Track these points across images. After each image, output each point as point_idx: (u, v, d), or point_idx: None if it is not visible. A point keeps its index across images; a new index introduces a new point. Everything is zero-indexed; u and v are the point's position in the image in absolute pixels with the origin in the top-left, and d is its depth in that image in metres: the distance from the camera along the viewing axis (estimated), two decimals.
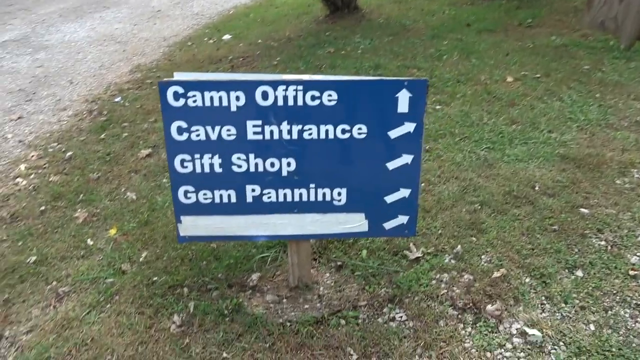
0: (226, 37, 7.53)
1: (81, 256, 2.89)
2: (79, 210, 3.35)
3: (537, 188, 3.08)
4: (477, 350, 2.08)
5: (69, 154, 4.19)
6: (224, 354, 2.15)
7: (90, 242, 3.01)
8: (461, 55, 5.56)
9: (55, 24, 8.96)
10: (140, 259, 2.78)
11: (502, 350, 2.07)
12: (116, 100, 5.34)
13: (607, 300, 2.28)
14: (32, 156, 4.24)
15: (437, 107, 4.32)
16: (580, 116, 3.92)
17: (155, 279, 2.61)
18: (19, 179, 3.88)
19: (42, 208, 3.43)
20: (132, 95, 5.43)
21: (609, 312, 2.21)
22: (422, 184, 3.21)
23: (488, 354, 2.06)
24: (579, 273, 2.43)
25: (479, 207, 2.94)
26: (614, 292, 2.32)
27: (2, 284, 2.73)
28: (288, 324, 2.28)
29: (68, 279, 2.71)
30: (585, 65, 4.90)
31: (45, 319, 2.46)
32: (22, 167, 4.07)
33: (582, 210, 2.85)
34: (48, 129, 4.81)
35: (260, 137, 2.11)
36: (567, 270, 2.45)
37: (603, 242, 2.62)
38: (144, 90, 5.52)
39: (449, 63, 5.34)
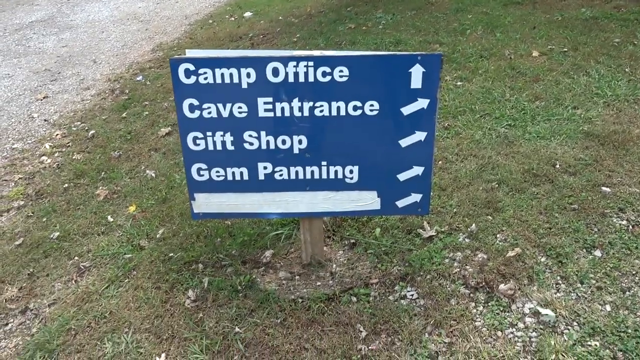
0: (247, 14, 7.50)
1: (102, 232, 2.97)
2: (100, 187, 3.43)
3: (557, 166, 3.00)
4: (487, 329, 2.06)
5: (91, 132, 4.27)
6: (237, 329, 2.19)
7: (110, 218, 3.08)
8: (486, 29, 5.40)
9: (80, 3, 9.06)
10: (158, 236, 2.84)
11: (514, 329, 2.05)
12: (138, 79, 5.40)
13: (626, 280, 2.22)
14: (57, 135, 4.34)
15: (458, 83, 4.22)
16: (608, 91, 3.78)
17: (171, 255, 2.66)
18: (44, 157, 3.99)
19: (66, 185, 3.52)
20: (153, 74, 5.48)
21: (627, 292, 2.16)
22: (439, 162, 3.17)
23: (499, 333, 2.04)
24: (597, 253, 2.37)
25: (497, 185, 2.89)
26: (633, 272, 2.26)
27: (28, 258, 2.83)
28: (300, 300, 2.30)
29: (89, 254, 2.79)
30: (616, 39, 4.70)
31: (67, 292, 2.54)
32: (47, 145, 4.17)
33: (604, 189, 2.77)
34: (72, 108, 4.91)
35: (271, 114, 2.10)
36: (585, 250, 2.40)
37: (624, 222, 2.55)
38: (165, 69, 5.56)
39: (472, 38, 5.21)
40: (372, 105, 2.07)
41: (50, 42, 7.04)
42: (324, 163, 2.18)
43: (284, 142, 2.14)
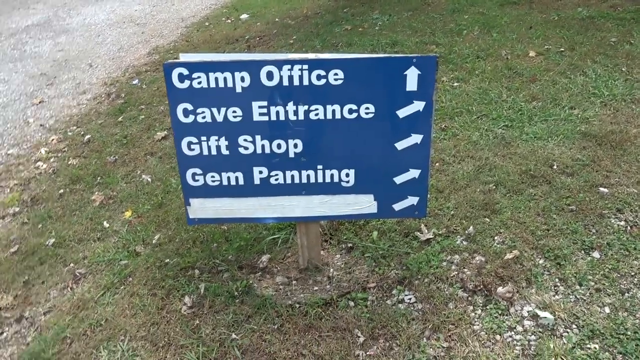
0: (244, 16, 7.48)
1: (97, 238, 2.95)
2: (96, 193, 3.41)
3: (555, 167, 2.99)
4: (486, 333, 2.04)
5: (87, 137, 4.25)
6: (233, 335, 2.17)
7: (106, 224, 3.06)
8: (482, 29, 5.39)
9: (77, 7, 9.04)
10: (154, 241, 2.82)
11: (512, 333, 2.03)
12: (134, 82, 5.38)
13: (624, 282, 2.20)
14: (53, 140, 4.32)
15: (455, 84, 4.21)
16: (605, 91, 3.77)
17: (167, 260, 2.64)
18: (39, 163, 3.97)
19: (61, 191, 3.50)
20: (149, 78, 5.46)
21: (626, 294, 2.14)
22: (436, 164, 3.15)
23: (497, 337, 2.02)
24: (596, 254, 2.36)
25: (494, 187, 2.87)
26: (632, 274, 2.24)
27: (23, 265, 2.81)
28: (297, 305, 2.28)
29: (85, 261, 2.77)
30: (612, 38, 4.69)
31: (63, 300, 2.52)
32: (43, 150, 4.15)
33: (602, 189, 2.76)
34: (68, 112, 4.89)
35: (266, 118, 2.08)
36: (583, 252, 2.38)
37: (622, 223, 2.53)
38: (161, 72, 5.51)
39: (469, 38, 5.19)
40: (367, 108, 2.06)
41: (46, 46, 7.02)
42: (319, 167, 2.17)
43: (279, 146, 2.13)
